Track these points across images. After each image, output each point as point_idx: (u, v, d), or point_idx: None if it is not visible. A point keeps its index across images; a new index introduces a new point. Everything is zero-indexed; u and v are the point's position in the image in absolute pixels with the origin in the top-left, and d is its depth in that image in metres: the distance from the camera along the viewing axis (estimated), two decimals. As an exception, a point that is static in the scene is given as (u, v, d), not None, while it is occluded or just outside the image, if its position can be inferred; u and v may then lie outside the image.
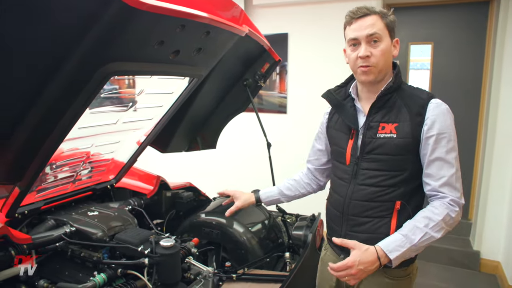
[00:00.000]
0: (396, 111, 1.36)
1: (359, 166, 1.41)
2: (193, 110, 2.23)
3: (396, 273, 1.40)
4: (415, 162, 1.37)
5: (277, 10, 4.02)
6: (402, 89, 1.41)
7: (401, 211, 1.35)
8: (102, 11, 1.05)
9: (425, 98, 1.36)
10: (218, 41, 1.61)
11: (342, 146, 1.48)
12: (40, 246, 1.65)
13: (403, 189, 1.36)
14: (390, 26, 1.36)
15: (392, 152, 1.34)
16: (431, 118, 1.33)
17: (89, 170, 2.12)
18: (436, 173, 1.34)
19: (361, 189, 1.40)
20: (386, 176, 1.36)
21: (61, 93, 1.23)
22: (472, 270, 3.56)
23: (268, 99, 4.27)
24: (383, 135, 1.35)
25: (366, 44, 1.34)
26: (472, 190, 3.83)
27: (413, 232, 1.27)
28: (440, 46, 3.80)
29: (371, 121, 1.39)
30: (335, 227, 1.51)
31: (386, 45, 1.34)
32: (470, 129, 3.78)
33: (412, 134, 1.33)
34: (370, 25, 1.33)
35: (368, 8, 1.36)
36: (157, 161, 3.41)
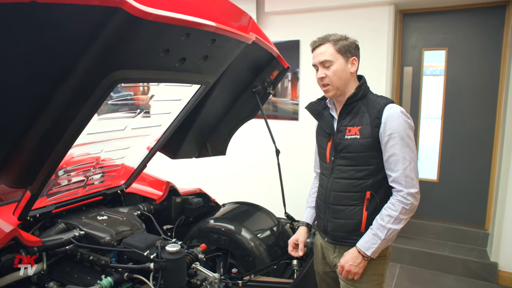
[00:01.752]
0: (360, 116, 1.64)
1: (335, 163, 1.70)
2: (202, 117, 2.26)
3: None
4: (378, 158, 1.63)
5: (289, 17, 4.04)
6: (367, 97, 1.67)
7: (371, 200, 1.63)
8: (107, 21, 1.08)
9: (382, 104, 1.61)
10: (224, 48, 1.63)
11: (324, 147, 1.77)
12: (50, 249, 1.69)
13: (371, 181, 1.63)
14: (343, 50, 1.62)
15: (358, 150, 1.62)
16: (385, 120, 1.58)
17: (100, 175, 2.16)
18: (393, 167, 1.59)
19: (337, 182, 1.69)
20: (355, 170, 1.64)
21: (69, 99, 1.27)
22: (490, 282, 3.45)
23: (281, 106, 4.28)
24: (350, 137, 1.64)
25: (321, 68, 1.65)
26: (489, 200, 3.74)
27: (380, 230, 1.58)
28: (454, 51, 3.74)
29: (340, 125, 1.68)
30: (321, 215, 1.79)
31: (338, 66, 1.62)
32: (486, 137, 3.70)
33: (372, 135, 1.60)
34: (321, 53, 1.63)
35: (323, 38, 1.65)
36: (167, 167, 3.45)
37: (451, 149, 3.87)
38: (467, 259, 3.56)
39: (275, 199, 2.50)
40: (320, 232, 1.83)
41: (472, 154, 3.78)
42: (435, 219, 3.98)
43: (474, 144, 3.77)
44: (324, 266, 1.86)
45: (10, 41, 0.99)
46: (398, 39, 3.84)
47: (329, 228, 1.72)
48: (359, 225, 1.65)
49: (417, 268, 3.63)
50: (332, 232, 1.72)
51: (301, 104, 4.14)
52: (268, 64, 2.23)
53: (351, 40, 1.66)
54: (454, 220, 3.93)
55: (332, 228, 1.71)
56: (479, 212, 3.82)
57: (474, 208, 3.84)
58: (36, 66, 1.11)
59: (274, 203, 2.51)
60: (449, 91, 3.81)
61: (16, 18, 0.93)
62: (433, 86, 3.91)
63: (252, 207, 2.51)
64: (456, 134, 3.84)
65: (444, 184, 3.88)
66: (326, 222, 1.73)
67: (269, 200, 2.63)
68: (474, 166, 3.79)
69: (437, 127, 3.90)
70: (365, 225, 1.64)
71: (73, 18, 1.03)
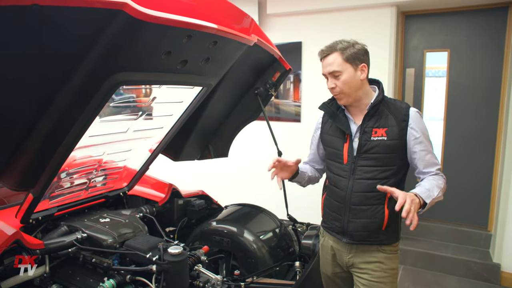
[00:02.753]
0: (385, 118, 1.67)
1: (356, 164, 1.70)
2: (204, 119, 2.26)
3: (389, 248, 1.73)
4: (401, 159, 1.69)
5: (291, 19, 4.04)
6: (385, 101, 1.71)
7: (390, 198, 1.62)
8: (109, 23, 1.09)
9: (405, 107, 1.69)
10: (226, 50, 1.64)
11: (338, 148, 1.76)
12: (53, 252, 1.69)
13: (392, 180, 1.67)
14: (351, 58, 1.62)
15: (384, 151, 1.66)
16: (413, 123, 1.66)
17: (102, 178, 2.16)
18: (431, 162, 1.68)
19: (360, 183, 1.69)
20: (379, 170, 1.67)
21: (71, 102, 1.27)
22: (492, 283, 3.43)
23: (283, 108, 4.28)
24: (376, 138, 1.66)
25: (331, 78, 1.66)
26: (492, 201, 3.72)
27: (432, 189, 1.59)
28: (456, 53, 3.73)
29: (365, 127, 1.68)
30: (338, 216, 1.76)
31: (347, 75, 1.63)
32: (489, 137, 3.68)
33: (400, 136, 1.65)
34: (330, 63, 1.64)
35: (330, 46, 1.65)
36: (170, 169, 3.44)
37: (454, 151, 3.85)
38: (470, 260, 3.54)
39: (277, 201, 2.50)
40: (334, 233, 1.80)
41: (474, 155, 3.77)
42: (438, 220, 3.97)
43: (476, 146, 3.75)
44: (334, 267, 1.86)
45: (12, 43, 0.99)
46: (400, 41, 3.83)
47: (351, 229, 1.71)
48: (381, 224, 1.68)
49: (420, 269, 3.61)
50: (353, 233, 1.71)
51: (303, 106, 4.14)
52: (270, 66, 2.23)
53: (359, 47, 1.65)
54: (457, 221, 3.92)
55: (354, 228, 1.71)
56: (482, 213, 3.80)
57: (477, 209, 3.83)
58: (37, 68, 1.12)
59: (276, 204, 2.50)
60: (451, 93, 3.80)
61: (17, 21, 0.93)
62: (435, 88, 3.89)
63: (254, 209, 2.51)
64: (458, 136, 3.83)
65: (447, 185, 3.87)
66: (346, 223, 1.72)
67: (271, 202, 2.63)
68: (477, 167, 3.77)
69: (439, 129, 3.89)
70: (387, 223, 1.68)
71: (75, 21, 1.03)
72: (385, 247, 1.73)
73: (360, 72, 1.65)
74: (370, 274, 1.72)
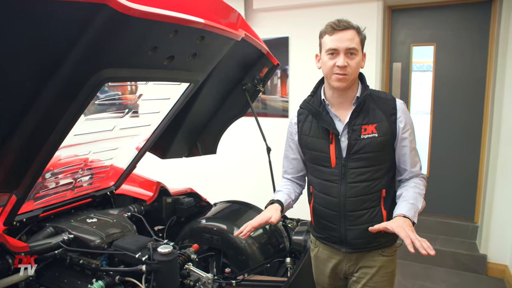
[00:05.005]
0: (372, 113, 1.55)
1: (347, 166, 1.56)
2: (192, 116, 2.23)
3: (389, 250, 1.64)
4: (392, 154, 1.60)
5: (278, 14, 4.01)
6: (370, 94, 1.59)
7: (386, 198, 1.58)
8: (93, 18, 1.05)
9: (391, 99, 1.58)
10: (213, 46, 1.61)
11: (324, 151, 1.60)
12: (38, 254, 1.65)
13: (386, 179, 1.58)
14: (363, 42, 1.54)
15: (376, 149, 1.54)
16: (402, 116, 1.56)
17: (89, 177, 2.12)
18: (414, 161, 1.61)
19: (353, 187, 1.56)
20: (372, 171, 1.55)
21: (55, 100, 1.23)
22: (479, 274, 3.50)
23: (270, 103, 4.26)
24: (367, 136, 1.53)
25: (345, 56, 1.49)
26: (478, 193, 3.78)
27: (417, 200, 1.52)
28: (443, 47, 3.76)
29: (353, 124, 1.55)
30: (332, 225, 1.63)
31: (360, 58, 1.52)
32: (475, 130, 3.73)
33: (391, 131, 1.55)
34: (349, 39, 1.48)
35: (348, 22, 1.51)
36: (157, 167, 3.40)
37: (441, 144, 3.90)
38: (457, 252, 3.60)
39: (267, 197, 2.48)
40: (331, 244, 1.68)
41: (461, 148, 3.82)
42: (426, 213, 4.01)
43: (462, 139, 3.80)
44: (331, 279, 1.73)
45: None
46: (387, 35, 3.85)
47: (350, 237, 1.59)
48: None
49: (409, 262, 3.65)
50: (353, 241, 1.59)
51: (291, 101, 4.13)
52: (257, 61, 2.21)
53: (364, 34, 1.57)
54: (444, 213, 3.97)
55: (354, 236, 1.58)
56: (469, 205, 3.86)
57: (464, 202, 3.88)
58: (19, 65, 1.07)
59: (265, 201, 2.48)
60: (438, 87, 3.83)
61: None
62: (420, 82, 3.93)
63: (243, 205, 2.49)
64: (445, 129, 3.87)
65: (434, 179, 3.90)
66: (344, 232, 1.59)
67: (260, 198, 2.61)
68: (464, 160, 3.82)
69: (426, 123, 3.92)
70: None
71: (57, 15, 0.99)
72: (385, 249, 1.63)
73: (362, 60, 1.56)
74: (371, 279, 1.62)
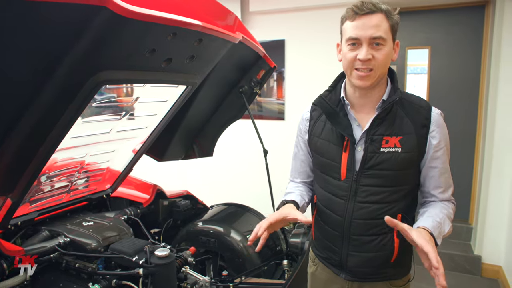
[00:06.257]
0: (399, 123, 1.26)
1: (359, 182, 1.29)
2: (189, 118, 2.22)
3: (399, 283, 1.39)
4: (416, 174, 1.32)
5: (274, 16, 4.03)
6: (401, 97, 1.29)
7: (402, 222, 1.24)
8: (91, 20, 1.04)
9: (425, 107, 1.29)
10: (211, 48, 1.61)
11: (335, 159, 1.33)
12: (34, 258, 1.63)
13: (404, 202, 1.30)
14: (394, 28, 1.22)
15: (397, 167, 1.25)
16: (436, 130, 1.27)
17: (85, 180, 2.10)
18: (445, 185, 1.34)
19: (363, 207, 1.29)
20: (388, 192, 1.27)
21: (52, 102, 1.22)
22: (474, 275, 3.52)
23: (266, 106, 4.27)
24: (387, 149, 1.25)
25: (368, 46, 1.19)
26: (472, 195, 3.81)
27: (444, 222, 1.26)
28: (437, 50, 3.79)
29: (373, 134, 1.26)
30: (333, 248, 1.38)
31: (389, 49, 1.21)
32: (469, 133, 3.76)
33: (418, 147, 1.26)
34: (375, 25, 1.17)
35: (374, 4, 1.19)
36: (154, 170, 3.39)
37: (435, 146, 3.92)
38: (452, 253, 3.62)
39: (263, 200, 2.49)
40: (330, 266, 1.44)
41: (455, 151, 3.84)
42: (421, 215, 4.04)
43: (457, 141, 3.83)
44: None
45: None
46: (381, 38, 3.86)
47: (351, 264, 1.35)
48: (390, 256, 1.31)
49: (404, 264, 3.66)
50: (354, 269, 1.35)
51: (287, 104, 4.14)
52: (254, 64, 2.21)
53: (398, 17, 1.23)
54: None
55: (356, 264, 1.34)
56: (463, 207, 3.88)
57: (459, 203, 3.83)
58: (15, 67, 1.06)
59: (262, 203, 2.49)
60: (433, 89, 3.86)
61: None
62: (414, 85, 3.95)
63: (240, 208, 2.49)
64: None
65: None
66: (345, 257, 1.35)
67: (257, 201, 2.62)
68: (458, 163, 3.84)
69: (421, 125, 3.94)
70: (397, 255, 1.30)
71: (55, 17, 0.98)
72: (394, 282, 1.37)
73: (394, 50, 1.25)
74: None
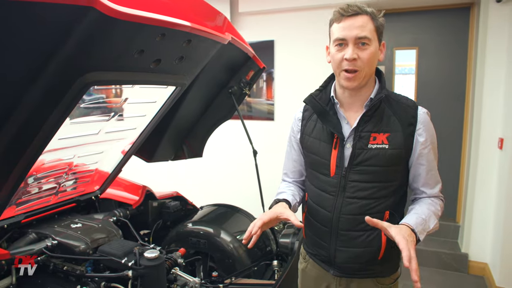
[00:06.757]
0: (386, 120, 1.32)
1: (347, 178, 1.34)
2: (178, 119, 2.21)
3: (387, 280, 1.43)
4: (404, 171, 1.37)
5: (263, 17, 4.03)
6: (387, 96, 1.36)
7: (390, 220, 1.30)
8: (78, 21, 1.03)
9: (412, 106, 1.34)
10: (200, 49, 1.61)
11: (325, 156, 1.38)
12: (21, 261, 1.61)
13: (392, 199, 1.34)
14: (380, 29, 1.30)
15: (384, 163, 1.30)
16: (423, 128, 1.32)
17: (73, 181, 2.08)
18: (433, 182, 1.39)
19: (351, 203, 1.34)
20: (376, 188, 1.32)
21: (39, 103, 1.20)
22: (461, 272, 3.57)
23: (256, 106, 4.27)
24: (375, 146, 1.30)
25: (354, 46, 1.25)
26: (459, 194, 3.87)
27: (429, 218, 1.30)
28: (424, 51, 3.84)
29: (361, 130, 1.32)
30: (323, 243, 1.42)
31: (374, 49, 1.28)
32: (456, 132, 3.82)
33: (405, 145, 1.31)
34: (360, 26, 1.24)
35: (360, 7, 1.27)
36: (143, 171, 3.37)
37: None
38: (440, 251, 3.68)
39: (253, 200, 2.49)
40: (319, 262, 1.48)
41: (443, 150, 3.87)
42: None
43: (444, 140, 3.88)
44: None
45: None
46: (369, 39, 3.90)
47: (339, 260, 1.38)
48: (377, 253, 1.35)
49: (393, 262, 3.70)
50: (342, 265, 1.38)
51: (276, 104, 4.15)
52: (244, 64, 2.21)
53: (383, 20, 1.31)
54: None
55: (344, 260, 1.38)
56: (451, 205, 3.94)
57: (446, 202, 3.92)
58: (3, 67, 1.05)
59: (252, 204, 2.50)
60: (420, 89, 3.91)
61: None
62: (402, 85, 3.99)
63: (230, 209, 2.48)
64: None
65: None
66: (333, 252, 1.39)
67: (247, 201, 2.62)
68: (445, 162, 3.89)
69: (409, 125, 3.98)
70: (384, 252, 1.34)
71: (42, 18, 0.97)
72: (382, 279, 1.41)
73: (380, 51, 1.32)
74: None
